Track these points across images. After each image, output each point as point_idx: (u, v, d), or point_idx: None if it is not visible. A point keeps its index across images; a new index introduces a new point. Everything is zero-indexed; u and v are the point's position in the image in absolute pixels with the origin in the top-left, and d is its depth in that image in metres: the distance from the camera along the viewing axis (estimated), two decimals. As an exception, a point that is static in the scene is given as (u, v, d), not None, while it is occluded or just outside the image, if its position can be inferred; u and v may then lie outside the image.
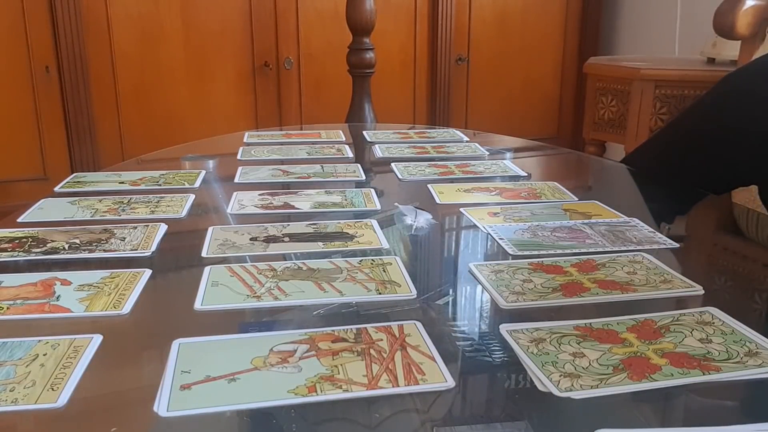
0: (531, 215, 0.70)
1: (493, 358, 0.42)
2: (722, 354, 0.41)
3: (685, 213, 0.80)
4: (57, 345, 0.43)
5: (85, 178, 0.86)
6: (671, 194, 0.82)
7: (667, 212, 0.77)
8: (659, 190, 0.84)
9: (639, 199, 0.84)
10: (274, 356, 0.41)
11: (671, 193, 0.82)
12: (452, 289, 0.54)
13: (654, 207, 0.78)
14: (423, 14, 2.53)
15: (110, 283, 0.52)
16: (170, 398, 0.37)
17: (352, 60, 1.70)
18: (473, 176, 0.87)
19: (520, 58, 2.69)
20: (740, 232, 0.73)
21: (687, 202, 0.82)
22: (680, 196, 0.82)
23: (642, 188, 0.88)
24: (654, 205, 0.79)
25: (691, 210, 0.81)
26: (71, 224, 0.68)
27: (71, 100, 2.12)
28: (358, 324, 0.45)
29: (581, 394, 0.37)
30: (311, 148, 1.03)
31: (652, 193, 0.85)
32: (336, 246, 0.61)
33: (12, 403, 0.37)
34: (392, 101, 2.50)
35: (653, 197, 0.83)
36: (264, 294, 0.50)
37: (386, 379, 0.39)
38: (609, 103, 1.91)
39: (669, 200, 0.82)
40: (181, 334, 0.44)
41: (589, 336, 0.43)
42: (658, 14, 2.51)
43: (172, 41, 2.22)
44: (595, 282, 0.52)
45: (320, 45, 2.39)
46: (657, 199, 0.82)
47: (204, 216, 0.73)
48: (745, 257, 0.65)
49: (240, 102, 2.35)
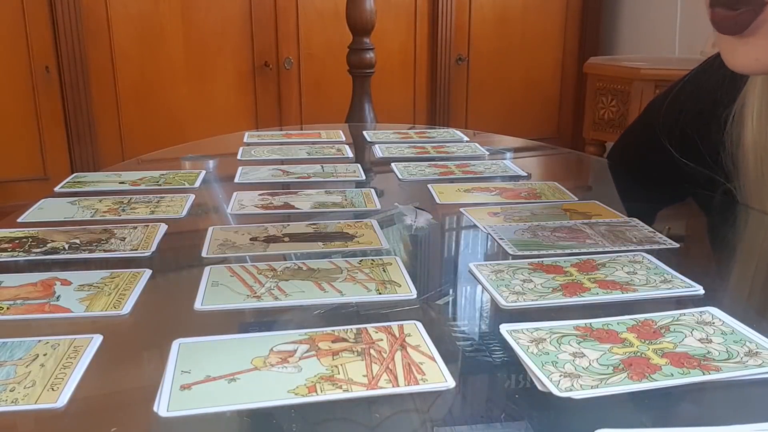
0: (531, 215, 0.70)
1: (493, 358, 0.42)
2: (722, 354, 0.41)
3: (685, 213, 0.80)
4: (57, 345, 0.43)
5: (86, 178, 0.86)
6: (671, 194, 0.82)
7: (667, 212, 0.77)
8: (659, 191, 0.84)
9: (639, 199, 0.84)
10: (274, 356, 0.41)
11: (671, 193, 0.82)
12: (452, 289, 0.54)
13: (654, 207, 0.78)
14: (423, 14, 2.53)
15: (110, 283, 0.52)
16: (170, 398, 0.37)
17: (352, 60, 1.70)
18: (473, 176, 0.87)
19: (520, 57, 2.69)
20: (739, 231, 0.73)
21: (687, 202, 0.82)
22: (680, 196, 0.82)
23: (642, 188, 0.88)
24: (654, 205, 0.79)
25: (691, 210, 0.81)
26: (71, 224, 0.68)
27: (71, 100, 2.12)
28: (358, 324, 0.45)
29: (581, 394, 0.37)
30: (311, 148, 1.03)
31: (652, 193, 0.84)
32: (336, 246, 0.61)
33: (12, 403, 0.37)
34: (392, 101, 2.50)
35: (653, 197, 0.83)
36: (264, 294, 0.50)
37: (386, 379, 0.39)
38: (609, 102, 1.91)
39: (669, 200, 0.82)
40: (181, 334, 0.44)
41: (589, 336, 0.44)
42: (658, 14, 2.51)
43: (172, 41, 2.22)
44: (595, 282, 0.52)
45: (320, 45, 2.40)
46: (657, 199, 0.82)
47: (204, 216, 0.73)
48: (745, 257, 0.65)
49: (240, 102, 2.35)
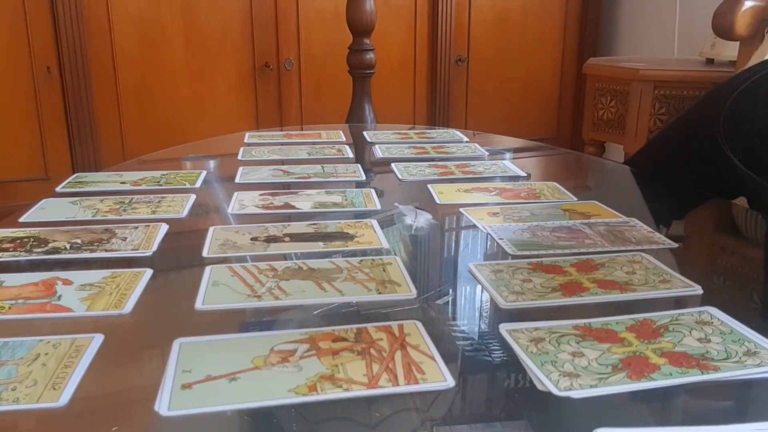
0: (530, 215, 0.70)
1: (493, 357, 0.42)
2: (721, 353, 0.41)
3: (684, 213, 0.81)
4: (58, 344, 0.43)
5: (87, 178, 0.86)
6: (670, 194, 0.82)
7: (666, 212, 0.78)
8: (658, 191, 0.84)
9: (638, 199, 0.84)
10: (274, 356, 0.41)
11: (670, 193, 0.82)
12: (452, 288, 0.54)
13: (653, 207, 0.78)
14: (423, 15, 2.53)
15: (111, 282, 0.53)
16: (171, 397, 0.37)
17: (353, 61, 1.70)
18: (473, 176, 0.87)
19: (520, 58, 2.69)
20: (739, 231, 0.73)
21: (686, 202, 0.82)
22: (679, 196, 0.82)
23: (641, 188, 0.88)
24: (653, 205, 0.79)
25: (690, 210, 0.81)
26: (73, 224, 0.68)
27: (72, 101, 2.13)
28: (359, 323, 0.46)
29: (580, 394, 0.37)
30: (312, 149, 1.03)
31: (651, 193, 0.85)
32: (336, 246, 0.61)
33: (14, 402, 0.37)
34: (392, 101, 2.50)
35: (652, 197, 0.83)
36: (265, 293, 0.51)
37: (386, 379, 0.39)
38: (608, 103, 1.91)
39: (668, 200, 0.82)
40: (182, 334, 0.44)
41: (588, 335, 0.44)
42: (658, 15, 2.51)
43: (173, 42, 2.22)
44: (595, 282, 0.52)
45: (320, 46, 2.40)
46: (656, 199, 0.82)
47: (205, 216, 0.73)
48: (744, 257, 0.65)
49: (241, 102, 2.36)
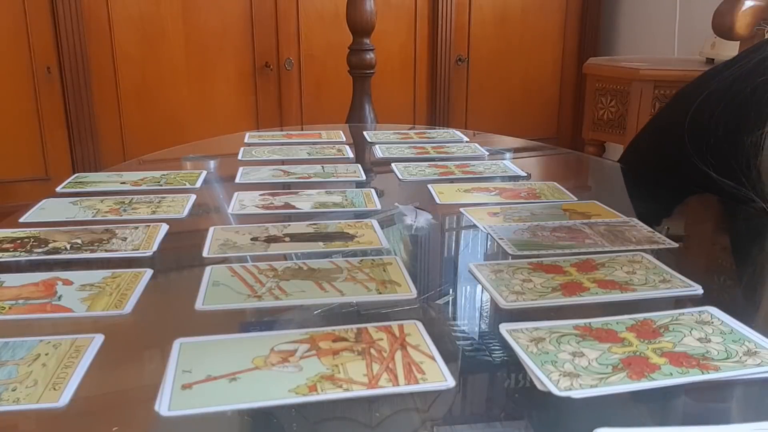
0: (531, 215, 0.70)
1: (493, 357, 0.42)
2: (721, 353, 0.41)
3: (684, 213, 0.81)
4: (59, 345, 0.43)
5: (87, 178, 0.86)
6: (670, 194, 0.82)
7: (667, 212, 0.78)
8: (659, 190, 0.84)
9: (638, 199, 0.84)
10: (274, 356, 0.41)
11: (670, 193, 0.82)
12: (452, 288, 0.54)
13: (653, 207, 0.78)
14: (423, 15, 2.53)
15: (112, 283, 0.53)
16: (171, 398, 0.37)
17: (353, 61, 1.71)
18: (473, 176, 0.87)
19: (520, 58, 2.69)
20: (738, 231, 0.73)
21: (686, 202, 0.82)
22: (679, 196, 0.82)
23: (641, 188, 0.88)
24: (653, 205, 0.79)
25: (691, 210, 0.81)
26: (73, 224, 0.68)
27: (73, 101, 2.13)
28: (359, 323, 0.46)
29: (580, 393, 0.37)
30: (312, 149, 1.03)
31: (651, 193, 0.85)
32: (336, 246, 0.61)
33: (14, 402, 0.37)
34: (392, 101, 2.50)
35: (652, 197, 0.83)
36: (265, 294, 0.51)
37: (386, 379, 0.39)
38: (608, 103, 1.91)
39: (668, 200, 0.82)
40: (182, 334, 0.44)
41: (588, 335, 0.44)
42: (658, 15, 2.51)
43: (173, 42, 2.22)
44: (595, 282, 0.52)
45: (321, 46, 2.40)
46: (656, 199, 0.82)
47: (205, 216, 0.73)
48: (744, 257, 0.65)
49: (241, 102, 2.36)
